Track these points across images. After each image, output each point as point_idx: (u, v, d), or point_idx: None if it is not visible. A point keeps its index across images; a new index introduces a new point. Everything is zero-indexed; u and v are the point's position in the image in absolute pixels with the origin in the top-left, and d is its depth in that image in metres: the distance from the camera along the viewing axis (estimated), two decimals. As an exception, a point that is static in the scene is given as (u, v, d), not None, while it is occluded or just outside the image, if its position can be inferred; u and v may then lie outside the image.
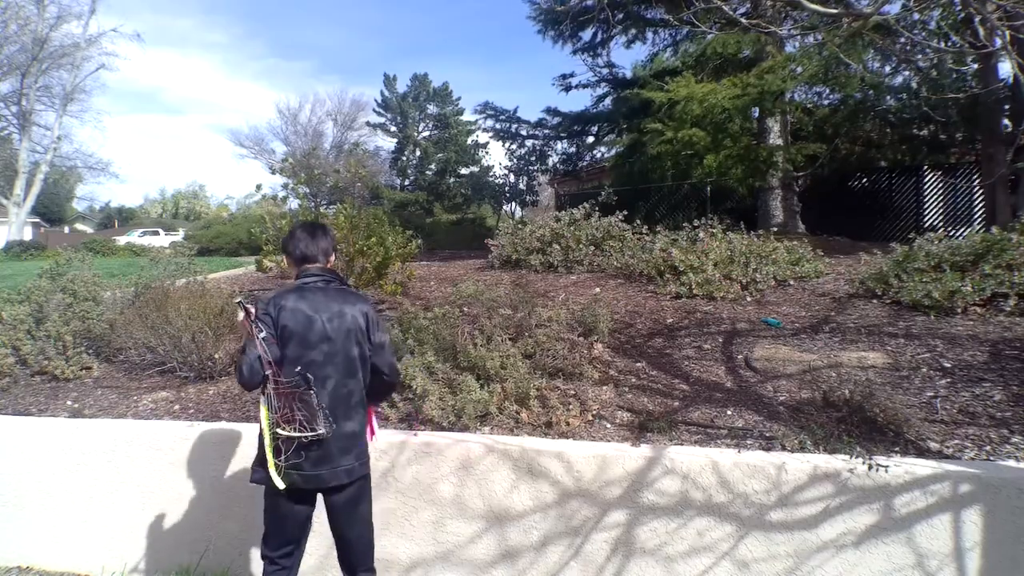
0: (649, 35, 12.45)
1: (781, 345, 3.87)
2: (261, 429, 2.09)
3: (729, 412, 3.07)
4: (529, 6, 12.26)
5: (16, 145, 25.71)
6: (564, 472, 2.65)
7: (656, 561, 2.56)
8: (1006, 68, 7.95)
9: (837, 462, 2.43)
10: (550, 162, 18.18)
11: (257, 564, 2.98)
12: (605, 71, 13.70)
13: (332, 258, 2.37)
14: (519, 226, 7.45)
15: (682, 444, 2.78)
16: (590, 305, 4.33)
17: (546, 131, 16.15)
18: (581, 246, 6.61)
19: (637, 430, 2.95)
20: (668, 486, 2.55)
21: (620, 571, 2.60)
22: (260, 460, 2.13)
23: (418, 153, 32.00)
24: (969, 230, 9.55)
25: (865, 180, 12.50)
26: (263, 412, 2.06)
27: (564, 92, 14.16)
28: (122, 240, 26.81)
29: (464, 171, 30.17)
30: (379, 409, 3.24)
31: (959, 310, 4.08)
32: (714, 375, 3.57)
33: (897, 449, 2.61)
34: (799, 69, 9.62)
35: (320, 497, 2.23)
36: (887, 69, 9.91)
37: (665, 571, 2.55)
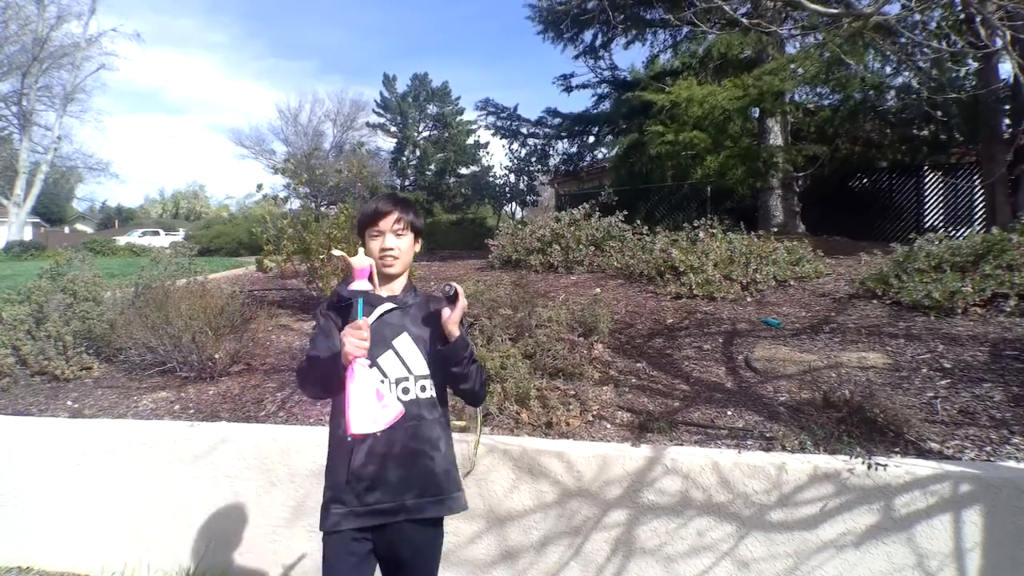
0: (649, 36, 12.47)
1: (781, 345, 3.87)
2: (445, 440, 1.81)
3: (729, 412, 3.07)
4: (530, 10, 12.27)
5: (16, 145, 25.75)
6: (564, 472, 2.65)
7: (656, 561, 2.56)
8: (1006, 68, 7.96)
9: (837, 462, 2.43)
10: (551, 162, 18.19)
11: (256, 564, 2.98)
12: (606, 72, 13.72)
13: None
14: (519, 226, 7.45)
15: (682, 444, 2.78)
16: (590, 305, 4.33)
17: (547, 130, 16.18)
18: (581, 246, 6.61)
19: (637, 430, 2.95)
20: (668, 486, 2.55)
21: (620, 571, 2.59)
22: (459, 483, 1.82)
23: (418, 153, 32.00)
24: (969, 230, 9.56)
25: (865, 180, 12.51)
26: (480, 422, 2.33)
27: (565, 92, 14.21)
28: (122, 240, 26.82)
29: (464, 171, 30.17)
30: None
31: (959, 310, 4.08)
32: (714, 375, 3.57)
33: (897, 450, 2.60)
34: (799, 70, 9.63)
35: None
36: (887, 69, 9.92)
37: (665, 571, 2.55)
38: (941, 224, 11.01)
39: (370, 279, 1.61)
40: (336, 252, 1.72)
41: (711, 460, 2.52)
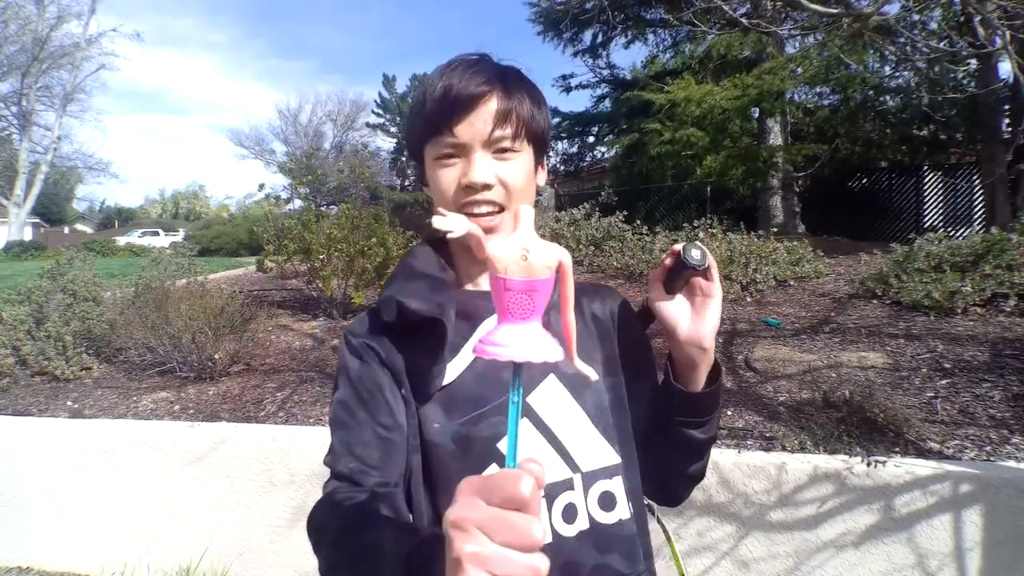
0: (649, 36, 12.50)
1: (781, 345, 3.87)
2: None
3: (729, 412, 3.07)
4: (529, 9, 12.29)
5: (16, 145, 25.76)
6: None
7: (655, 561, 2.56)
8: (1006, 68, 7.95)
9: (837, 462, 2.43)
10: (550, 162, 18.18)
11: (257, 565, 2.98)
12: (605, 71, 13.74)
13: None
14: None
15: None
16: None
17: (546, 131, 16.16)
18: (581, 246, 6.61)
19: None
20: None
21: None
22: None
23: (418, 153, 32.00)
24: (969, 230, 9.56)
25: (865, 180, 12.52)
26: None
27: (564, 93, 14.23)
28: (122, 240, 26.78)
29: (464, 171, 30.14)
30: None
31: (959, 310, 4.08)
32: (714, 375, 3.57)
33: (897, 450, 2.61)
34: (799, 70, 9.63)
35: None
36: (887, 69, 9.92)
37: (665, 570, 2.55)
38: (941, 224, 11.01)
39: (562, 337, 0.52)
40: (449, 224, 0.58)
41: (711, 460, 2.52)
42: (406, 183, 31.65)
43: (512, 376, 0.47)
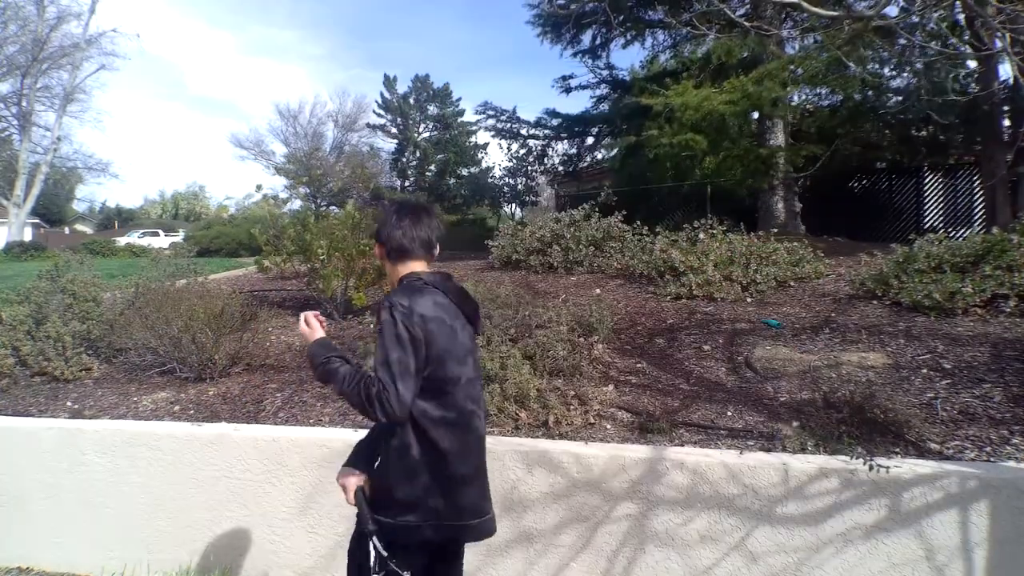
0: (648, 37, 12.49)
1: (781, 346, 3.87)
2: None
3: (730, 413, 3.07)
4: (530, 11, 12.29)
5: (16, 146, 25.73)
6: (565, 473, 2.65)
7: (658, 562, 2.56)
8: (1006, 69, 7.95)
9: (837, 463, 2.43)
10: (550, 163, 18.18)
11: (256, 564, 2.98)
12: (605, 72, 13.71)
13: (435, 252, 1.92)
14: (519, 227, 7.45)
15: (683, 445, 2.78)
16: (591, 306, 4.33)
17: (546, 131, 16.16)
18: (581, 247, 6.61)
19: (638, 431, 2.95)
20: (665, 492, 2.55)
21: (631, 563, 2.59)
22: (402, 505, 1.71)
23: (418, 154, 32.03)
24: (969, 231, 9.56)
25: (865, 181, 12.51)
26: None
27: (564, 93, 14.21)
28: (122, 241, 26.75)
29: (464, 172, 30.18)
30: None
31: (959, 311, 4.08)
32: (715, 376, 3.57)
33: (898, 450, 2.60)
34: (799, 71, 9.63)
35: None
36: (887, 71, 9.92)
37: (665, 573, 2.55)
38: (941, 225, 11.01)
39: None
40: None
41: (712, 461, 2.52)
42: (406, 183, 31.65)
43: None
